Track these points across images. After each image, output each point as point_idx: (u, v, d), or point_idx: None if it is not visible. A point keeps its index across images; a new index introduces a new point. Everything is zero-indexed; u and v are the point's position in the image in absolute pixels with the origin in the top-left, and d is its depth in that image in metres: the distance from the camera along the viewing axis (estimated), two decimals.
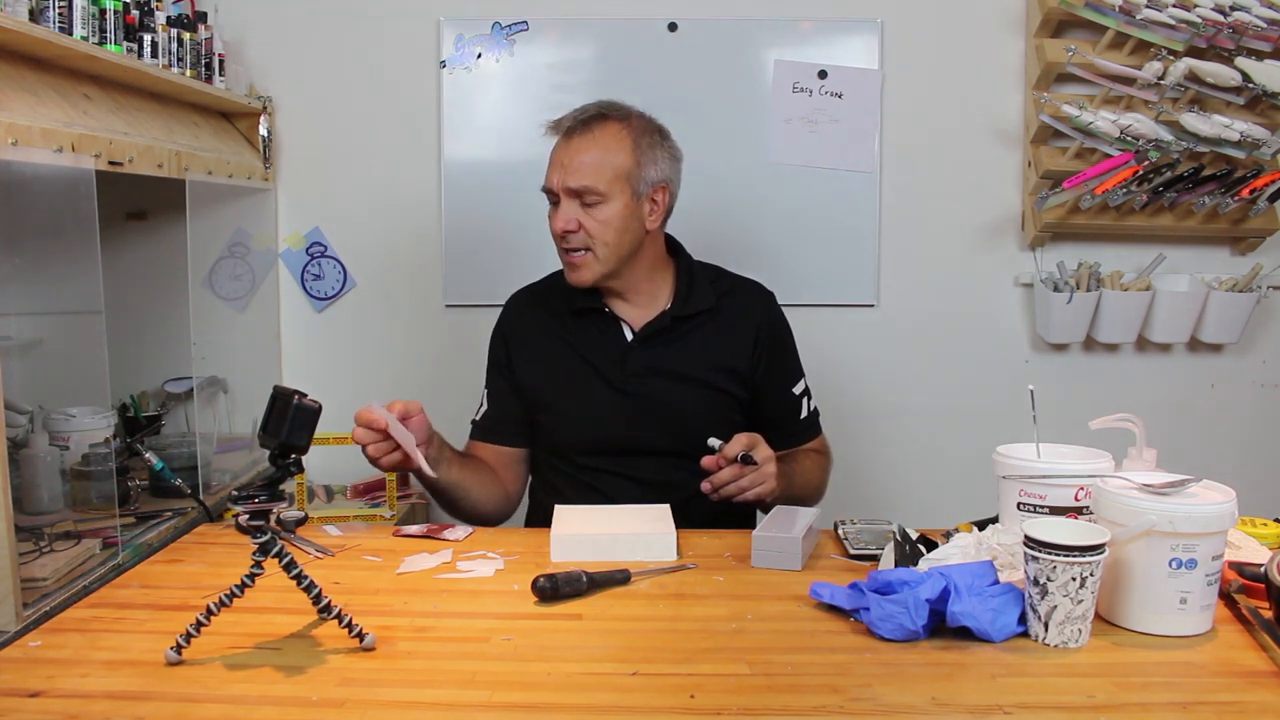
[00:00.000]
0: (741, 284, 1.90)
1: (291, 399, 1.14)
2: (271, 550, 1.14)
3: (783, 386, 1.86)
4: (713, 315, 1.82)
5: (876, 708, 1.01)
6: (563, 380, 1.81)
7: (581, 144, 1.71)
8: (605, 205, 1.71)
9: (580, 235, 1.71)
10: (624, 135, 1.73)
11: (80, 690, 1.06)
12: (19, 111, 1.40)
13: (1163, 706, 1.02)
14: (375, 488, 2.20)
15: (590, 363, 1.80)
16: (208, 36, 2.08)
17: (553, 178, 1.73)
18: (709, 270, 1.89)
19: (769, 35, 2.43)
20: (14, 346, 1.87)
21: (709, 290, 1.84)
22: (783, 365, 1.87)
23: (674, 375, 1.79)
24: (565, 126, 1.74)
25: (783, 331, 1.88)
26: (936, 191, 2.48)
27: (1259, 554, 1.36)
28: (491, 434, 1.84)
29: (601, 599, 1.32)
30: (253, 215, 2.39)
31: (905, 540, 1.37)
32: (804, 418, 1.89)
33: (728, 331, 1.82)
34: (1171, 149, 2.30)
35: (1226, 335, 2.47)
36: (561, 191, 1.71)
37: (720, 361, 1.80)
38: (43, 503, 1.70)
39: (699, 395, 1.78)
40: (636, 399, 1.78)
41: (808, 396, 1.90)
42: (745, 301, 1.86)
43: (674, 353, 1.80)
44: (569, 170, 1.70)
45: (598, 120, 1.73)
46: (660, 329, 1.80)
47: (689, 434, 1.65)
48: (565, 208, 1.71)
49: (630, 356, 1.79)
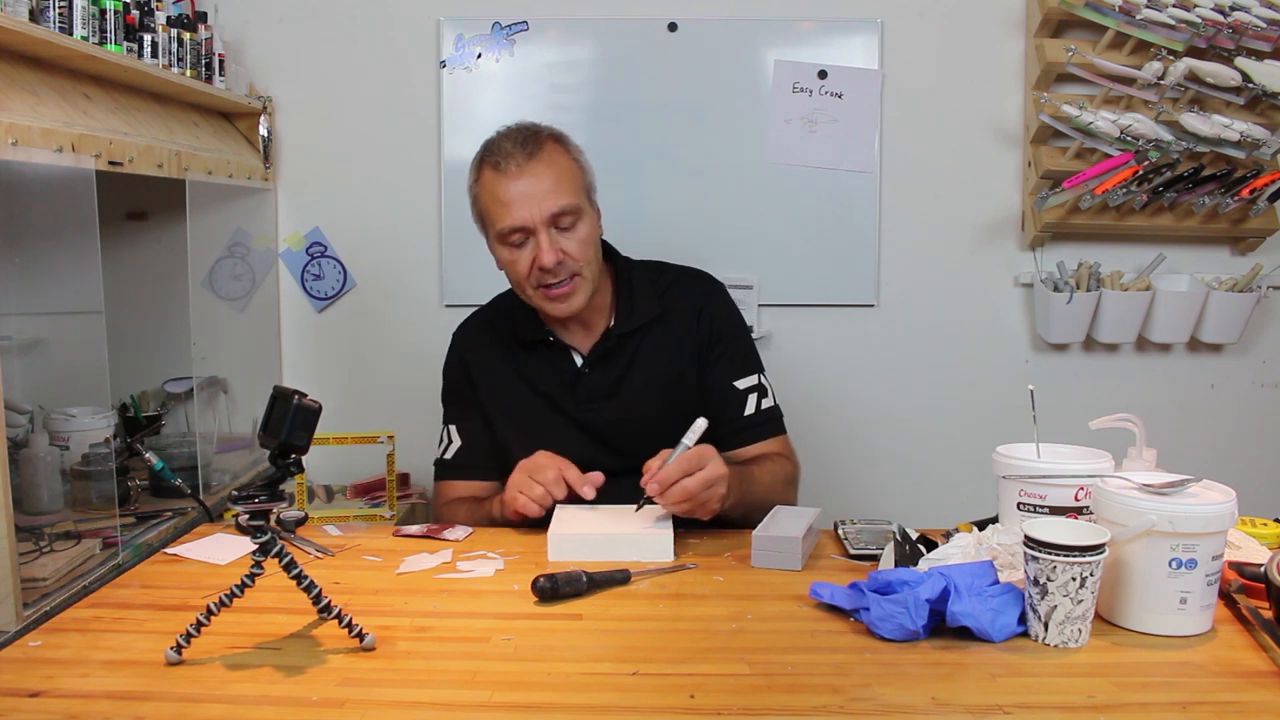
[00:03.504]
0: (681, 278, 1.83)
1: (291, 399, 1.14)
2: (271, 550, 1.14)
3: (722, 379, 1.77)
4: (658, 322, 1.76)
5: (876, 708, 1.01)
6: (518, 415, 1.76)
7: (538, 169, 1.63)
8: (581, 224, 1.66)
9: (567, 264, 1.65)
10: (562, 150, 1.69)
11: (80, 690, 1.06)
12: (19, 111, 1.40)
13: (1163, 706, 1.02)
14: (375, 488, 2.20)
15: (544, 395, 1.75)
16: (208, 36, 2.08)
17: (523, 214, 1.62)
18: (648, 271, 1.82)
19: (769, 35, 2.43)
20: (14, 346, 1.87)
21: (651, 297, 1.77)
22: (723, 357, 1.78)
23: (626, 396, 1.74)
24: (513, 160, 1.63)
25: (724, 322, 1.80)
26: (936, 191, 2.48)
27: (1259, 554, 1.36)
28: (468, 471, 1.78)
29: (601, 599, 1.32)
30: (253, 215, 2.39)
31: (905, 540, 1.37)
32: (749, 414, 1.77)
33: (672, 338, 1.77)
34: (1171, 149, 2.30)
35: (1226, 335, 2.47)
36: (540, 223, 1.62)
37: (670, 372, 1.75)
38: (43, 503, 1.70)
39: (653, 411, 1.72)
40: (591, 428, 1.74)
41: (759, 393, 1.79)
42: (686, 298, 1.79)
43: (624, 372, 1.75)
44: (542, 198, 1.62)
45: (536, 142, 1.66)
46: (608, 350, 1.75)
47: (648, 452, 1.55)
48: (547, 240, 1.62)
49: (581, 383, 1.75)
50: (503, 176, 1.64)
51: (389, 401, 2.48)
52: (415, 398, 2.40)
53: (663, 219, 2.43)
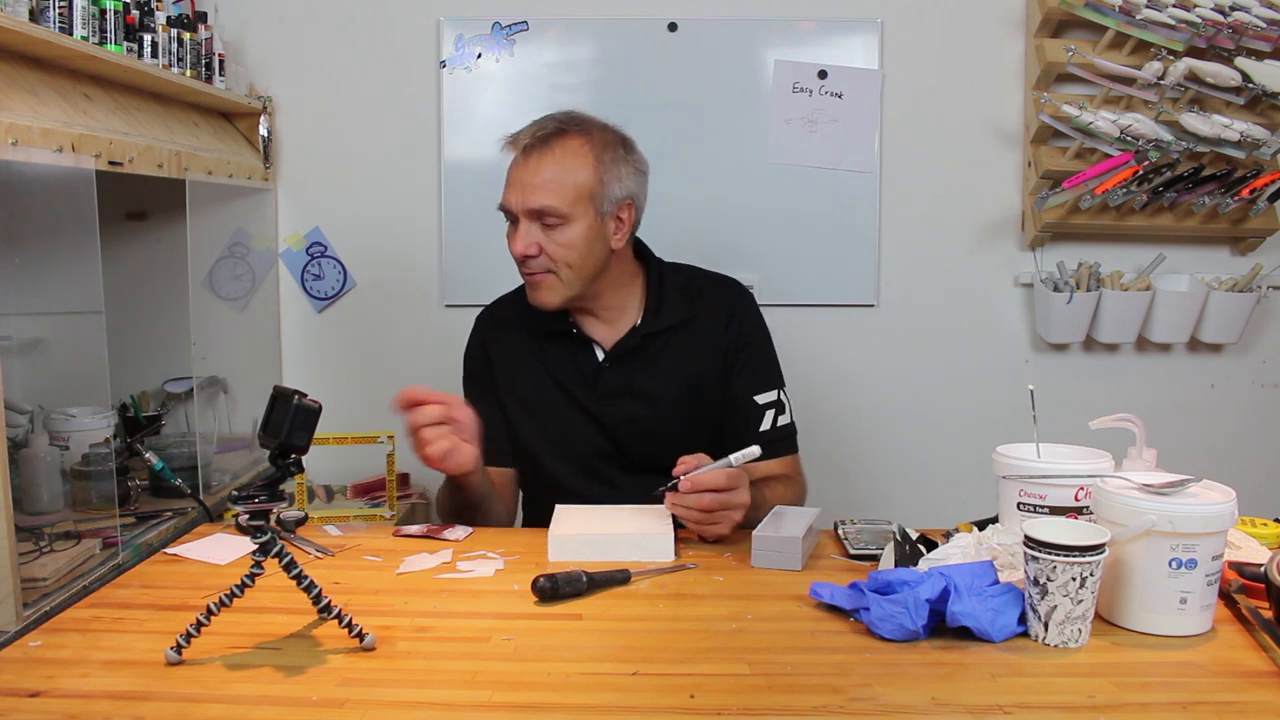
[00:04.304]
0: (713, 285, 1.82)
1: (291, 399, 1.14)
2: (271, 550, 1.14)
3: (743, 391, 1.75)
4: (685, 326, 1.75)
5: (876, 708, 1.01)
6: (535, 403, 1.75)
7: (541, 162, 1.62)
8: (568, 227, 1.63)
9: (541, 259, 1.63)
10: (585, 151, 1.64)
11: (80, 690, 1.06)
12: (19, 111, 1.40)
13: (1163, 706, 1.01)
14: (375, 488, 2.19)
15: (563, 386, 1.74)
16: (208, 36, 2.08)
17: (510, 198, 1.64)
18: (680, 275, 1.81)
19: (769, 35, 2.43)
20: (14, 346, 1.87)
21: (680, 301, 1.76)
22: (746, 368, 1.76)
23: (646, 395, 1.73)
24: (523, 143, 1.64)
25: (751, 332, 1.78)
26: (936, 191, 2.49)
27: (1259, 554, 1.36)
28: (485, 457, 1.75)
29: (601, 599, 1.32)
30: (253, 215, 2.39)
31: (905, 540, 1.37)
32: (765, 430, 1.74)
33: (699, 343, 1.75)
34: (1171, 149, 2.30)
35: (1226, 335, 2.47)
36: (521, 213, 1.63)
37: (693, 377, 1.74)
38: (43, 503, 1.70)
39: (671, 414, 1.71)
40: (607, 423, 1.73)
41: (777, 410, 1.76)
42: (716, 305, 1.78)
43: (646, 371, 1.74)
44: (528, 190, 1.62)
45: (557, 136, 1.64)
46: (631, 348, 1.73)
47: (664, 452, 1.56)
48: (525, 230, 1.63)
49: (601, 378, 1.74)
50: (513, 155, 1.66)
51: (389, 401, 2.47)
52: None
53: (663, 219, 2.39)
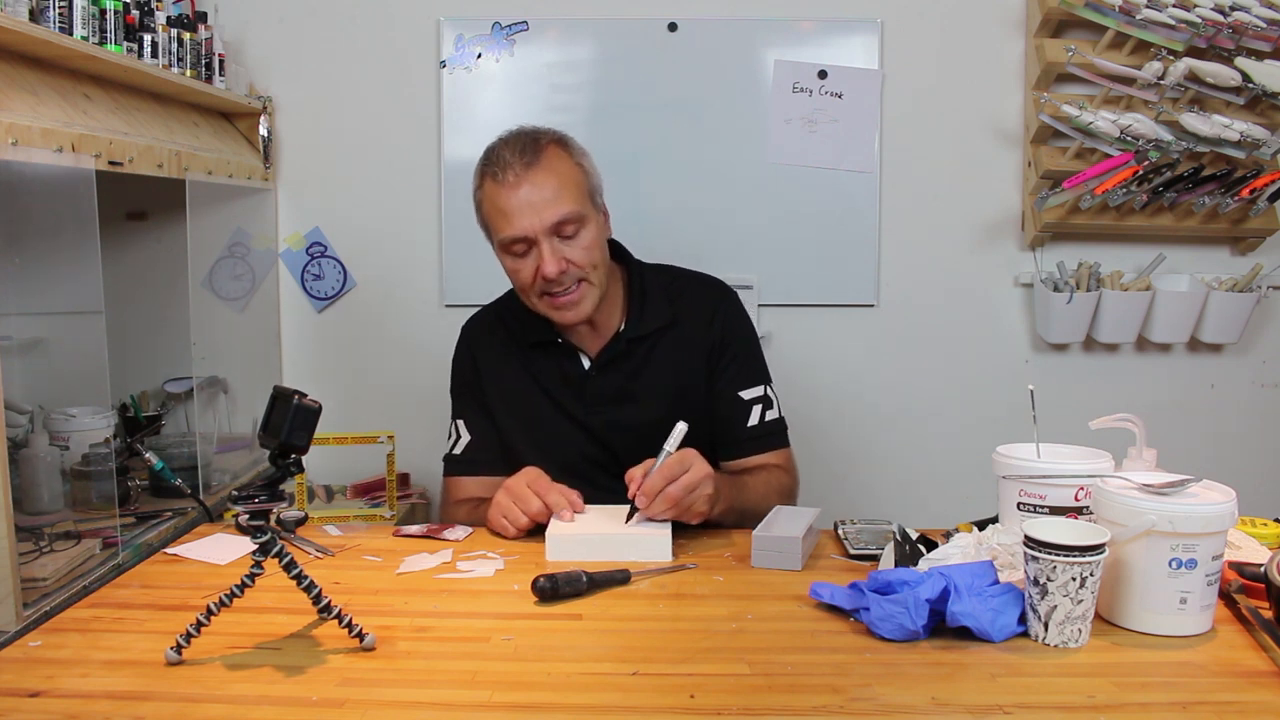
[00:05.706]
0: (695, 285, 1.82)
1: (291, 399, 1.14)
2: (271, 550, 1.14)
3: (728, 388, 1.76)
4: (669, 329, 1.75)
5: (876, 708, 1.01)
6: (524, 413, 1.75)
7: (539, 177, 1.60)
8: (585, 230, 1.63)
9: (571, 271, 1.62)
10: (565, 154, 1.65)
11: (80, 690, 1.06)
12: (19, 111, 1.40)
13: (1163, 706, 1.02)
14: (375, 488, 2.20)
15: (550, 395, 1.75)
16: (208, 36, 2.08)
17: (523, 224, 1.60)
18: (661, 276, 1.80)
19: (769, 35, 2.43)
20: (14, 346, 1.87)
21: (663, 303, 1.76)
22: (731, 365, 1.77)
23: (632, 401, 1.73)
24: (512, 171, 1.60)
25: (735, 329, 1.79)
26: (936, 191, 2.49)
27: (1259, 554, 1.36)
28: (478, 466, 1.77)
29: (601, 599, 1.32)
30: (253, 215, 2.39)
31: (905, 540, 1.37)
32: (753, 425, 1.76)
33: (684, 344, 1.75)
34: (1171, 149, 2.30)
35: (1226, 335, 2.47)
36: (541, 233, 1.60)
37: (679, 380, 1.75)
38: (43, 503, 1.70)
39: (660, 418, 1.67)
40: (596, 431, 1.73)
41: (764, 405, 1.77)
42: (698, 305, 1.78)
43: (632, 376, 1.74)
44: (541, 208, 1.59)
45: (535, 149, 1.62)
46: (617, 354, 1.74)
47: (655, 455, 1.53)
48: (549, 249, 1.60)
49: (588, 386, 1.74)
50: (502, 187, 1.61)
51: (389, 401, 2.48)
52: (415, 398, 2.41)
53: (663, 219, 2.43)
